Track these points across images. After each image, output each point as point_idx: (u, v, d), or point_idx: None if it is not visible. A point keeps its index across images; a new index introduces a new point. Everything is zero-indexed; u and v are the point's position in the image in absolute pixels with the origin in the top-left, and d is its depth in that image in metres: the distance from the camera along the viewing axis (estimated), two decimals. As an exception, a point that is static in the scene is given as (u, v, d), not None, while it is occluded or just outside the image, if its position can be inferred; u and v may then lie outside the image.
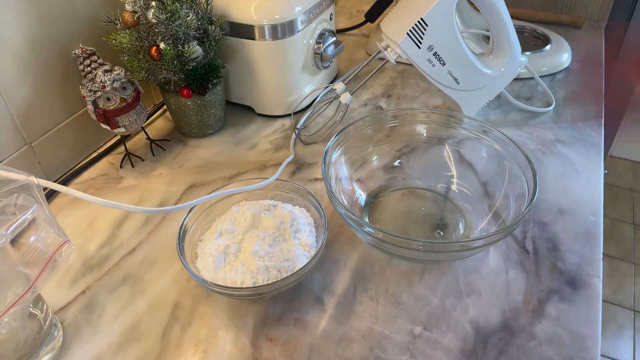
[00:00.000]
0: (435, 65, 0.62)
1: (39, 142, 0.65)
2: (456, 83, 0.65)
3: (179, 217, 0.61)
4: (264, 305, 0.51)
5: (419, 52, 0.61)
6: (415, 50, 0.61)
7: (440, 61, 0.62)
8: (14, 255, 0.39)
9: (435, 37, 0.60)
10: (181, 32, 0.63)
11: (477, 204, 0.59)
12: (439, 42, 0.61)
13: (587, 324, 0.47)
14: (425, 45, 0.60)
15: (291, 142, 0.72)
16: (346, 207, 0.51)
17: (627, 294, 1.72)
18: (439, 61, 0.62)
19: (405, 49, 0.61)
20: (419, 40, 0.60)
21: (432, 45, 0.60)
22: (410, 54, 0.61)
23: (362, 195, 0.62)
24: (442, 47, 0.61)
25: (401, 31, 0.60)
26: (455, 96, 0.67)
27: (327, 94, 0.82)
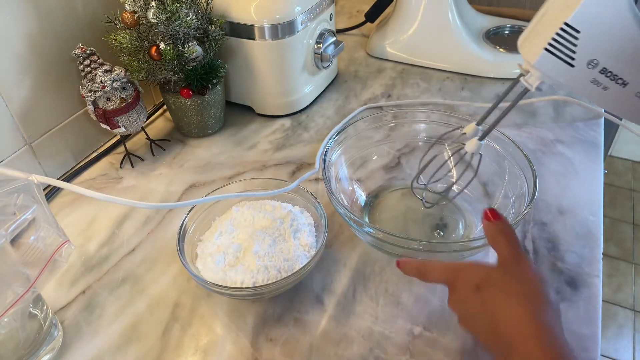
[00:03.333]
0: (609, 89, 0.40)
1: (39, 142, 0.65)
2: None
3: (178, 217, 0.61)
4: (264, 305, 0.51)
5: (572, 72, 0.40)
6: (565, 71, 0.40)
7: (617, 80, 0.39)
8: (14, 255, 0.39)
9: (599, 46, 0.38)
10: (181, 32, 0.63)
11: (477, 204, 0.59)
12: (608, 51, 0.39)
13: (587, 324, 0.47)
14: (582, 60, 0.39)
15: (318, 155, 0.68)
16: (346, 207, 0.51)
17: (627, 294, 1.72)
18: (614, 81, 0.39)
19: (547, 70, 0.40)
20: (569, 56, 0.39)
21: (594, 59, 0.39)
22: (559, 76, 0.40)
23: (361, 195, 0.62)
24: (616, 59, 0.39)
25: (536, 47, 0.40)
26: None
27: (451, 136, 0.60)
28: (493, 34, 0.91)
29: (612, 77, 0.39)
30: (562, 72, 0.40)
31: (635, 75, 0.39)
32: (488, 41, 0.88)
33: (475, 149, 0.49)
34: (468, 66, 0.85)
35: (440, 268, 0.43)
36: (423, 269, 0.44)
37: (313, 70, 0.78)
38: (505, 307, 0.37)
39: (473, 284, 0.40)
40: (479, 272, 0.40)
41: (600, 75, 0.39)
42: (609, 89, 0.40)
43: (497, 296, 0.38)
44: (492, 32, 0.91)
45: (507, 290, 0.38)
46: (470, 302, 0.40)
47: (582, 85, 0.40)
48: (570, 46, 0.39)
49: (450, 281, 0.42)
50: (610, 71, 0.39)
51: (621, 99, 0.40)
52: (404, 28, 0.89)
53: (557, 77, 0.40)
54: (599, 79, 0.40)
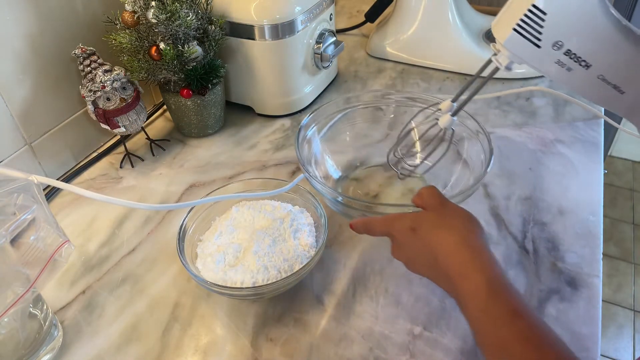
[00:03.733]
0: (573, 70, 0.41)
1: (39, 142, 0.65)
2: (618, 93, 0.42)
3: (178, 217, 0.61)
4: (264, 305, 0.51)
5: (539, 52, 0.41)
6: (532, 52, 0.42)
7: (580, 62, 0.41)
8: (14, 255, 0.39)
9: (564, 28, 0.40)
10: (181, 32, 0.63)
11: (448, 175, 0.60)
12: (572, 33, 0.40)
13: (587, 323, 0.47)
14: (548, 42, 0.40)
15: None
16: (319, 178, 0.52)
17: (627, 294, 1.72)
18: (577, 62, 0.41)
19: (515, 50, 0.42)
20: (535, 37, 0.41)
21: (559, 41, 0.40)
22: (526, 56, 0.42)
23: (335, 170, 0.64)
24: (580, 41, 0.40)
25: (506, 27, 0.42)
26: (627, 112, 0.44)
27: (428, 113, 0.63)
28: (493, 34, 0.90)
29: (575, 59, 0.41)
30: (529, 52, 0.42)
31: (597, 58, 0.40)
32: (488, 41, 0.88)
33: (447, 124, 0.52)
34: (468, 66, 0.85)
35: (380, 220, 0.47)
36: (369, 226, 0.48)
37: (313, 70, 0.78)
38: (440, 238, 0.42)
39: (408, 228, 0.44)
40: (412, 217, 0.44)
41: (564, 56, 0.41)
42: (573, 71, 0.41)
43: (431, 232, 0.42)
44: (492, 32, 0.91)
45: (439, 224, 0.43)
46: (409, 245, 0.44)
47: (547, 65, 0.42)
48: (537, 27, 0.40)
49: (388, 232, 0.46)
50: (575, 53, 0.40)
51: (584, 80, 0.42)
52: (404, 28, 0.89)
53: (525, 57, 0.42)
54: (564, 60, 0.41)
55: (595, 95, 0.43)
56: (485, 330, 0.37)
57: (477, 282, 0.38)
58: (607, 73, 0.41)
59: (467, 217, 0.44)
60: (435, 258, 0.42)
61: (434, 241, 0.42)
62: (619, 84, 0.41)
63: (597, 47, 0.40)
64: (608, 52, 0.40)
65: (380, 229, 0.47)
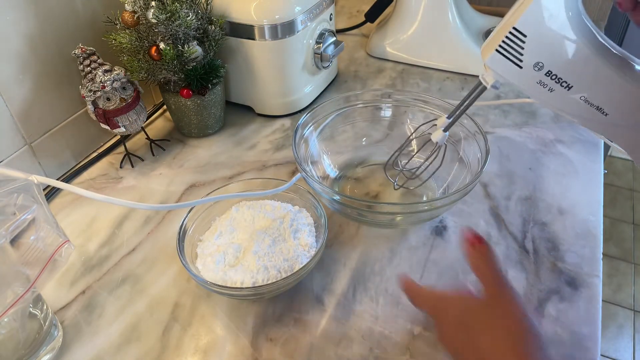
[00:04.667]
0: (555, 91, 0.42)
1: (39, 142, 0.65)
2: (601, 115, 0.42)
3: (178, 217, 0.61)
4: (264, 305, 0.51)
5: (520, 73, 0.42)
6: (514, 72, 0.42)
7: (562, 83, 0.41)
8: (14, 255, 0.39)
9: (544, 50, 0.40)
10: (181, 32, 0.63)
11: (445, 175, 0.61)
12: (552, 55, 0.40)
13: (587, 323, 0.47)
14: (529, 62, 0.41)
15: None
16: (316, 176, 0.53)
17: (627, 293, 1.72)
18: (559, 84, 0.41)
19: (498, 69, 0.43)
20: (517, 58, 0.41)
21: (539, 62, 0.41)
22: (508, 76, 0.43)
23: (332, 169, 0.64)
24: (560, 63, 0.41)
25: (490, 48, 0.43)
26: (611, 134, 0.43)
27: None
28: None
29: (557, 79, 0.41)
30: (511, 72, 0.43)
31: (578, 80, 0.41)
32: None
33: (440, 139, 0.53)
34: (468, 66, 0.85)
35: (425, 295, 0.44)
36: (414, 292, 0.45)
37: (313, 70, 0.78)
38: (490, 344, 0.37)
39: (457, 321, 0.40)
40: (461, 306, 0.40)
41: (545, 77, 0.41)
42: (555, 91, 0.42)
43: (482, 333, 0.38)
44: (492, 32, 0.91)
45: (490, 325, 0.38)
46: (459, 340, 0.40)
47: (529, 86, 0.42)
48: (518, 49, 0.41)
49: (434, 314, 0.42)
50: (555, 74, 0.41)
51: (567, 101, 0.42)
52: (404, 28, 0.89)
53: (507, 77, 0.43)
54: (545, 81, 0.42)
55: (579, 116, 0.43)
56: None
57: None
58: (589, 94, 0.41)
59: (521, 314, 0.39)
60: None
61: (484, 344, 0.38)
62: (601, 106, 0.41)
63: (577, 69, 0.40)
64: (588, 74, 0.40)
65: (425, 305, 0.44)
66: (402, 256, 0.55)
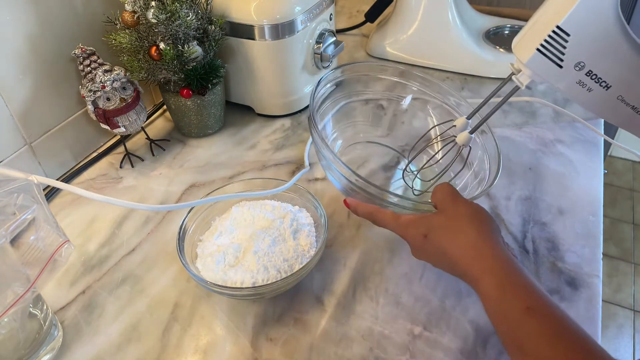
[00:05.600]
0: (593, 90, 0.42)
1: (39, 142, 0.65)
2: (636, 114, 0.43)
3: (178, 217, 0.61)
4: (264, 305, 0.51)
5: (560, 73, 0.42)
6: (554, 72, 0.42)
7: (601, 83, 0.42)
8: (14, 255, 0.39)
9: (586, 49, 0.41)
10: (181, 32, 0.63)
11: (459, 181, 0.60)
12: (594, 55, 0.41)
13: (587, 323, 0.47)
14: (570, 62, 0.41)
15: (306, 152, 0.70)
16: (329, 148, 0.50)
17: (627, 294, 1.72)
18: (597, 83, 0.42)
19: (537, 70, 0.43)
20: (558, 57, 0.41)
21: (581, 62, 0.41)
22: (548, 76, 0.43)
23: None
24: (601, 62, 0.41)
25: (529, 48, 0.43)
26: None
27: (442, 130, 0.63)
28: (493, 34, 0.90)
29: (596, 79, 0.42)
30: (551, 72, 0.42)
31: (617, 79, 0.41)
32: (488, 41, 0.88)
33: (466, 141, 0.52)
34: (468, 66, 0.85)
35: (390, 220, 0.48)
36: (375, 216, 0.49)
37: (313, 70, 0.78)
38: (449, 243, 0.43)
39: (421, 235, 0.45)
40: (423, 223, 0.46)
41: (586, 77, 0.42)
42: (593, 91, 0.42)
43: (440, 237, 0.44)
44: (492, 32, 0.91)
45: (447, 228, 0.44)
46: (425, 250, 0.46)
47: (568, 85, 0.43)
48: (560, 48, 0.41)
49: (403, 236, 0.48)
50: (595, 74, 0.41)
51: (604, 101, 0.42)
52: (404, 28, 0.89)
53: (546, 77, 0.43)
54: (585, 80, 0.42)
55: (614, 115, 0.43)
56: (502, 331, 0.38)
57: (487, 283, 0.39)
58: (626, 94, 0.42)
59: (475, 215, 0.44)
60: (450, 261, 0.43)
61: (444, 246, 0.43)
62: (637, 105, 0.42)
63: (617, 69, 0.41)
64: (627, 74, 0.41)
65: (391, 228, 0.48)
66: (402, 256, 0.55)
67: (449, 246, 0.43)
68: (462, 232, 0.43)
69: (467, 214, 0.44)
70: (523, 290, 0.38)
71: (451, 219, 0.44)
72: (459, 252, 0.42)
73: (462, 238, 0.43)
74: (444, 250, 0.43)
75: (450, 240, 0.43)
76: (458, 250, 0.42)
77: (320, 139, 0.50)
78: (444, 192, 0.47)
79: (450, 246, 0.43)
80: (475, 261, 0.41)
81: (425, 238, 0.45)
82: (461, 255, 0.42)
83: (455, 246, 0.43)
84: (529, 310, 0.37)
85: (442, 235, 0.44)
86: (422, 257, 0.47)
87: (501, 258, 0.41)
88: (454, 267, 0.43)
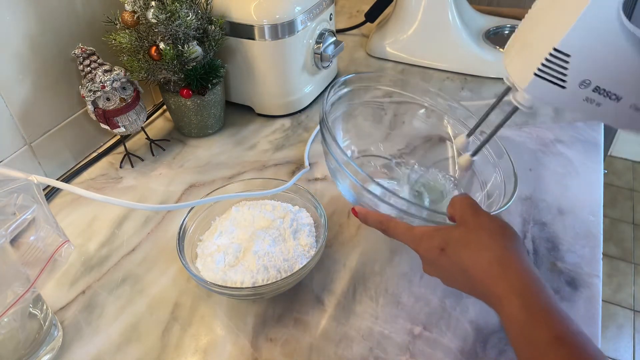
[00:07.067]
0: (603, 105, 0.39)
1: (39, 142, 0.65)
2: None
3: (178, 217, 0.61)
4: (264, 306, 0.51)
5: (564, 93, 0.39)
6: (557, 93, 0.39)
7: (611, 96, 0.39)
8: (14, 255, 0.39)
9: (591, 66, 0.37)
10: (181, 32, 0.63)
11: None
12: (599, 70, 0.38)
13: (587, 323, 0.47)
14: (574, 82, 0.38)
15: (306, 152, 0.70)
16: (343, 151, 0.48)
17: (627, 294, 1.72)
18: (607, 97, 0.39)
19: (539, 94, 0.40)
20: (560, 79, 0.38)
21: (586, 80, 0.38)
22: (551, 99, 0.40)
23: None
24: (609, 76, 0.38)
25: (526, 73, 0.39)
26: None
27: None
28: (493, 34, 0.91)
29: (605, 94, 0.39)
30: (554, 95, 0.39)
31: (628, 89, 0.38)
32: (488, 41, 0.88)
33: (466, 165, 0.49)
34: (468, 66, 0.85)
35: (403, 231, 0.45)
36: (386, 225, 0.46)
37: (313, 70, 0.78)
38: (470, 259, 0.39)
39: (437, 249, 0.41)
40: (440, 236, 0.42)
41: (593, 93, 0.39)
42: (602, 105, 0.39)
43: (460, 252, 0.40)
44: (492, 32, 0.91)
45: (468, 242, 0.40)
46: (440, 264, 0.42)
47: (575, 104, 0.40)
48: (560, 70, 0.38)
49: (414, 248, 0.44)
50: (604, 89, 0.38)
51: (616, 112, 0.39)
52: (404, 28, 0.89)
53: (549, 100, 0.40)
54: (592, 97, 0.39)
55: (628, 123, 0.40)
56: (524, 357, 0.35)
57: (514, 306, 0.36)
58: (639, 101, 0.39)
59: (499, 230, 0.40)
60: (469, 279, 0.39)
61: (464, 262, 0.39)
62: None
63: (626, 79, 0.37)
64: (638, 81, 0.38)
65: (403, 239, 0.45)
66: (402, 256, 0.55)
67: (470, 262, 0.39)
68: (486, 247, 0.39)
69: (490, 228, 0.40)
70: (553, 316, 0.35)
71: (473, 232, 0.40)
72: (481, 269, 0.38)
73: (485, 254, 0.39)
74: (464, 267, 0.39)
75: (472, 255, 0.39)
76: (480, 266, 0.38)
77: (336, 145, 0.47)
78: (463, 204, 0.43)
79: (471, 262, 0.39)
80: (500, 280, 0.37)
81: (442, 252, 0.41)
82: (484, 273, 0.38)
83: (477, 262, 0.39)
84: (558, 340, 0.33)
85: (462, 249, 0.40)
86: (435, 273, 0.43)
87: (530, 277, 0.37)
88: (474, 285, 0.39)
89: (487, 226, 0.41)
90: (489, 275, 0.38)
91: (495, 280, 0.37)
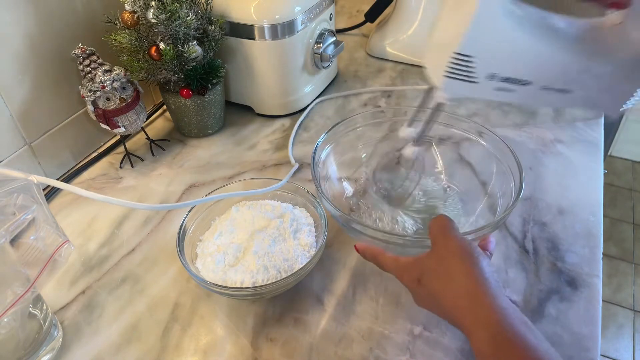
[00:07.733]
0: (516, 91, 0.41)
1: (39, 142, 0.65)
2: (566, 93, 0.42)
3: (178, 217, 0.61)
4: (264, 306, 0.51)
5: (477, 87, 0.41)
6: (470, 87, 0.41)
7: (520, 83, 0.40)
8: (14, 255, 0.39)
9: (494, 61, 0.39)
10: (181, 32, 0.63)
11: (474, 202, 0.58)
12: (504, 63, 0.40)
13: (587, 323, 0.47)
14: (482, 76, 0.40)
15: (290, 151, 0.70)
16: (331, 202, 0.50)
17: (627, 293, 1.72)
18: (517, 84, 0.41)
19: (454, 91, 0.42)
20: (469, 77, 0.40)
21: (494, 73, 0.40)
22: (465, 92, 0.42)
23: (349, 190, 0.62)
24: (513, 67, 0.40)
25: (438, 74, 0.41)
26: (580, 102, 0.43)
27: None
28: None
29: (514, 82, 0.40)
30: (467, 89, 0.41)
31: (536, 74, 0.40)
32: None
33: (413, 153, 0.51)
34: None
35: (389, 263, 0.46)
36: (378, 260, 0.47)
37: (313, 70, 0.78)
38: (441, 290, 0.40)
39: (415, 280, 0.42)
40: (417, 267, 0.42)
41: (502, 83, 0.40)
42: (515, 91, 0.41)
43: (432, 282, 0.41)
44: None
45: (437, 273, 0.40)
46: (420, 295, 0.43)
47: (489, 94, 0.42)
48: (467, 69, 0.39)
49: (400, 280, 0.45)
50: (512, 77, 0.40)
51: (529, 94, 0.41)
52: (404, 28, 0.89)
53: (464, 94, 0.42)
54: (503, 86, 0.41)
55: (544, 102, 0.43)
56: None
57: (481, 339, 0.36)
58: (549, 82, 0.41)
59: (467, 257, 0.40)
60: (442, 308, 0.40)
61: (437, 293, 0.40)
62: (563, 87, 0.41)
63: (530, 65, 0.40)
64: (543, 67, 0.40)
65: (392, 273, 0.46)
66: (402, 256, 0.55)
67: (441, 294, 0.39)
68: (454, 278, 0.39)
69: (456, 253, 0.40)
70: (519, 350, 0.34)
71: (442, 260, 0.40)
72: (451, 301, 0.39)
73: (454, 286, 0.39)
74: (437, 297, 0.40)
75: (442, 287, 0.39)
76: (450, 298, 0.39)
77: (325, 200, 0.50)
78: (434, 227, 0.43)
79: (443, 294, 0.39)
80: (468, 312, 0.37)
81: (419, 283, 0.41)
82: (453, 305, 0.38)
83: (446, 294, 0.39)
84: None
85: (434, 280, 0.40)
86: (421, 304, 0.43)
87: (497, 308, 0.36)
88: (447, 315, 0.40)
89: (455, 252, 0.40)
90: (458, 307, 0.38)
91: (464, 313, 0.38)
